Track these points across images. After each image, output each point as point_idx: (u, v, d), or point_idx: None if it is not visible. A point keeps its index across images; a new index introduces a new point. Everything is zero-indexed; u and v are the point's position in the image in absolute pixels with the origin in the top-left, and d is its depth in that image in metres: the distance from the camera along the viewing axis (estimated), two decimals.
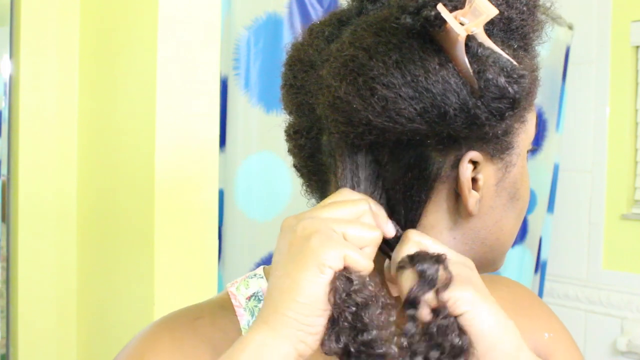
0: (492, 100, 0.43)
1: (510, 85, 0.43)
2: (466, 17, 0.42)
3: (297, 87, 0.51)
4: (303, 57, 0.51)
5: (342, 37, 0.48)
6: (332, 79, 0.46)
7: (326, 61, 0.48)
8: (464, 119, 0.43)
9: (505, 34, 0.47)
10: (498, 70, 0.43)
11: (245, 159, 1.26)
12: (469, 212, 0.48)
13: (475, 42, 0.43)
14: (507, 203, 0.50)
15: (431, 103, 0.43)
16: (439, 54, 0.43)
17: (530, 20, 0.48)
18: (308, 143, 0.51)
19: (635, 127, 1.97)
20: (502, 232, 0.51)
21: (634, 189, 1.98)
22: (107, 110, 1.17)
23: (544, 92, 1.92)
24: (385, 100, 0.43)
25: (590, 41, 2.04)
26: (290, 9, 1.28)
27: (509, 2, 0.47)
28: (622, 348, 1.90)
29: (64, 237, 1.22)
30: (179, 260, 1.06)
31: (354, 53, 0.45)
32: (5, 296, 1.18)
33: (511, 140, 0.49)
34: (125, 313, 1.12)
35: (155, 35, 1.02)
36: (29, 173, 1.18)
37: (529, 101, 0.49)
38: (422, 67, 0.43)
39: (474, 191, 0.48)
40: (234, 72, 1.24)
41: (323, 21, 0.52)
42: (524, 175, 0.52)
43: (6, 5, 1.17)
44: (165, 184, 1.03)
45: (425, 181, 0.47)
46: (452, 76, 0.43)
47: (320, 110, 0.48)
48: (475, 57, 0.43)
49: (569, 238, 2.09)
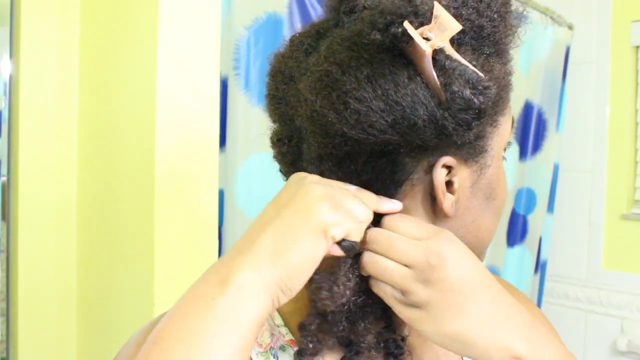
0: (459, 112, 0.45)
1: (475, 96, 0.45)
2: (432, 32, 0.44)
3: (278, 98, 0.54)
4: (284, 69, 0.54)
5: (319, 51, 0.50)
6: (308, 92, 0.49)
7: (304, 75, 0.50)
8: (432, 129, 0.46)
9: (477, 42, 0.49)
10: (464, 83, 0.45)
11: (245, 159, 1.26)
12: (446, 214, 0.50)
13: (442, 55, 0.45)
14: (483, 203, 0.53)
15: (401, 115, 0.45)
16: (408, 67, 0.45)
17: (502, 27, 0.50)
18: (290, 150, 0.54)
19: (635, 127, 1.97)
20: (480, 230, 0.54)
21: (634, 189, 1.98)
22: (107, 110, 1.17)
23: (544, 92, 1.92)
24: (358, 113, 0.45)
25: (590, 41, 2.04)
26: (290, 9, 1.28)
27: (479, 10, 0.49)
28: (622, 348, 1.90)
29: (64, 237, 1.22)
30: (179, 260, 1.06)
31: (328, 68, 0.47)
32: (5, 296, 1.18)
33: (485, 144, 0.51)
34: (125, 313, 1.12)
35: (155, 35, 1.02)
36: (29, 173, 1.18)
37: (501, 106, 0.52)
38: (392, 81, 0.45)
39: (449, 194, 0.50)
40: (234, 72, 1.24)
41: (303, 32, 0.55)
42: (499, 175, 0.54)
43: (6, 5, 1.17)
44: (165, 184, 1.03)
45: (396, 186, 0.50)
46: (421, 89, 0.45)
47: (299, 122, 0.51)
48: (442, 70, 0.45)
49: (569, 238, 2.09)
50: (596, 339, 2.01)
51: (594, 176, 2.03)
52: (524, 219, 1.95)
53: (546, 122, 1.95)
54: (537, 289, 2.03)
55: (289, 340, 0.54)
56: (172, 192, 1.05)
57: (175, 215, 1.05)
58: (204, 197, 1.09)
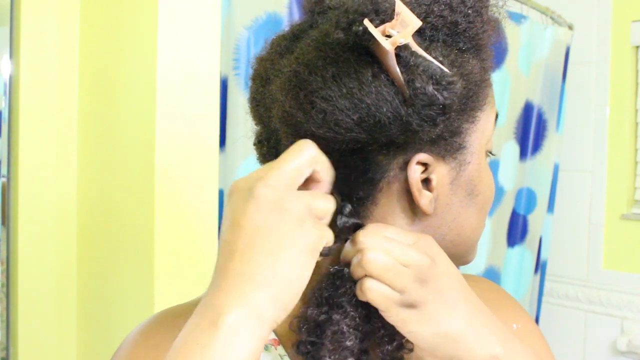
0: (423, 108, 0.45)
1: (439, 92, 0.45)
2: (395, 28, 0.44)
3: (257, 101, 0.54)
4: (262, 72, 0.54)
5: (293, 52, 0.50)
6: (279, 93, 0.49)
7: (277, 76, 0.51)
8: (398, 126, 0.46)
9: (451, 38, 0.49)
10: (427, 79, 0.45)
11: (245, 159, 1.26)
12: (424, 211, 0.50)
13: (407, 51, 0.45)
14: (464, 200, 0.52)
15: (366, 113, 0.45)
16: (372, 65, 0.45)
17: (478, 22, 0.50)
18: (269, 151, 0.55)
19: (635, 127, 1.97)
20: (463, 228, 0.53)
21: (634, 189, 1.98)
22: (107, 110, 1.17)
23: (544, 92, 1.92)
24: (324, 112, 0.46)
25: (590, 41, 2.04)
26: (290, 9, 1.28)
27: (452, 6, 0.48)
28: (622, 348, 1.90)
29: (64, 238, 1.22)
30: (179, 260, 1.06)
31: (296, 68, 0.48)
32: (5, 297, 1.18)
33: (462, 140, 0.51)
34: (125, 313, 1.12)
35: (155, 35, 1.02)
36: (29, 173, 1.18)
37: (478, 102, 0.51)
38: (356, 80, 0.45)
39: (427, 191, 0.50)
40: (234, 72, 1.24)
41: (281, 35, 0.55)
42: (481, 172, 0.53)
43: (6, 5, 1.17)
44: (165, 184, 1.03)
45: (370, 183, 0.50)
46: (385, 86, 0.45)
47: (273, 123, 0.51)
48: (406, 66, 0.45)
49: (569, 238, 2.09)
50: (596, 339, 2.01)
51: (594, 176, 2.03)
52: (524, 219, 1.95)
53: (546, 122, 1.95)
54: (537, 289, 2.03)
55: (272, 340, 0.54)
56: (172, 192, 1.05)
57: (175, 215, 1.05)
58: (204, 197, 1.09)
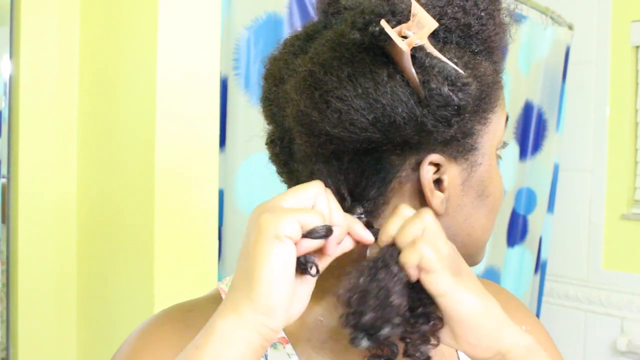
0: (438, 109, 0.45)
1: (454, 93, 0.45)
2: (411, 30, 0.44)
3: (270, 100, 0.55)
4: (275, 71, 0.54)
5: (307, 52, 0.51)
6: (294, 93, 0.49)
7: (291, 76, 0.51)
8: (412, 126, 0.46)
9: (464, 40, 0.49)
10: (442, 80, 0.45)
11: (245, 159, 1.26)
12: (436, 212, 0.50)
13: (422, 52, 0.45)
14: (475, 201, 0.53)
15: (382, 113, 0.45)
16: (388, 66, 0.45)
17: (490, 25, 0.50)
18: (282, 151, 0.55)
19: (635, 127, 1.97)
20: (473, 229, 0.53)
21: (634, 189, 1.98)
22: (107, 110, 1.17)
23: (544, 92, 1.92)
24: (339, 112, 0.46)
25: (590, 41, 2.04)
26: (290, 9, 1.28)
27: (465, 9, 0.49)
28: (622, 348, 1.90)
29: (64, 238, 1.22)
30: (179, 260, 1.06)
31: (312, 68, 0.48)
32: (5, 297, 1.18)
33: (474, 141, 0.51)
34: (125, 313, 1.12)
35: (155, 35, 1.02)
36: (29, 173, 1.18)
37: (490, 103, 0.51)
38: (372, 80, 0.45)
39: (439, 192, 0.50)
40: (234, 72, 1.24)
41: (294, 35, 0.55)
42: (492, 173, 0.54)
43: (6, 5, 1.17)
44: (165, 184, 1.04)
45: (382, 183, 0.50)
46: (400, 87, 0.45)
47: (287, 122, 0.51)
48: (421, 67, 0.45)
49: (569, 238, 2.10)
50: (596, 339, 2.01)
51: (594, 176, 2.03)
52: (524, 219, 1.96)
53: (546, 122, 1.95)
54: (537, 289, 2.03)
55: (280, 338, 0.54)
56: (172, 192, 1.05)
57: (175, 215, 1.05)
58: (204, 197, 1.09)
